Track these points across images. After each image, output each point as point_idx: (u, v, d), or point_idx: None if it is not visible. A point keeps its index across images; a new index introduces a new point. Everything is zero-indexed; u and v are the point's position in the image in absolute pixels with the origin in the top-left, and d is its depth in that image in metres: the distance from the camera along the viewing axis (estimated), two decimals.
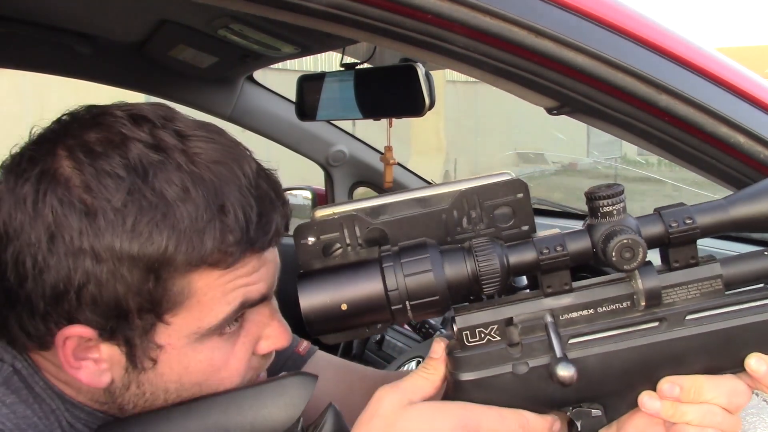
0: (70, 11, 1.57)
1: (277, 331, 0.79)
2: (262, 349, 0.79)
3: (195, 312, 0.70)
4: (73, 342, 0.70)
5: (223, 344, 0.74)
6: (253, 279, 0.73)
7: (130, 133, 0.69)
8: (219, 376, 0.75)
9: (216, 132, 0.74)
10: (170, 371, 0.73)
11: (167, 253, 0.66)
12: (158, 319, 0.70)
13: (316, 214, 0.68)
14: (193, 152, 0.70)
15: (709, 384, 0.65)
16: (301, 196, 2.49)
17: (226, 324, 0.73)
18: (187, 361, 0.73)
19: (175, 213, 0.67)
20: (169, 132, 0.70)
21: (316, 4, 0.72)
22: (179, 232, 0.66)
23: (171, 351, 0.72)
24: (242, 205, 0.70)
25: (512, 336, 0.66)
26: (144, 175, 0.67)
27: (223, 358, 0.74)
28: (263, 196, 0.72)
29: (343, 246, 0.67)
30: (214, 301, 0.71)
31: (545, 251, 0.64)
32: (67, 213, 0.66)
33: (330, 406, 0.71)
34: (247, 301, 0.73)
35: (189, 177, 0.68)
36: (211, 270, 0.69)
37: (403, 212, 0.68)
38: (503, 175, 0.68)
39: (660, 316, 0.65)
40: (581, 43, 0.76)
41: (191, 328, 0.71)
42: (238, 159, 0.72)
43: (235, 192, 0.70)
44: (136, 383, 0.73)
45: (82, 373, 0.71)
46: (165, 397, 0.74)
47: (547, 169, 14.50)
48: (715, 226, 0.65)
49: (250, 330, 0.77)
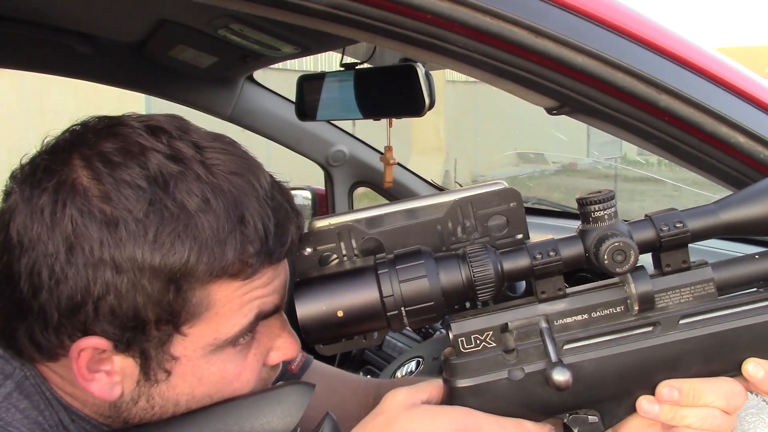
0: (70, 11, 1.57)
1: (287, 342, 0.79)
2: (273, 360, 0.79)
3: (212, 324, 0.70)
4: (87, 354, 0.69)
5: (236, 356, 0.74)
6: (267, 290, 0.73)
7: (148, 143, 0.69)
8: (231, 387, 0.74)
9: (230, 143, 0.74)
10: (183, 383, 0.72)
11: (189, 263, 0.66)
12: (176, 330, 0.69)
13: (313, 226, 0.69)
14: (210, 163, 0.70)
15: (707, 387, 0.66)
16: (301, 196, 2.49)
17: (241, 335, 0.73)
18: (201, 372, 0.72)
19: (196, 224, 0.66)
20: (186, 143, 0.70)
21: (316, 4, 0.72)
22: (201, 243, 0.66)
23: (186, 363, 0.71)
24: (261, 216, 0.70)
25: (508, 342, 0.66)
26: (165, 185, 0.67)
27: (236, 369, 0.74)
28: (279, 208, 0.72)
29: (339, 256, 0.68)
30: (231, 312, 0.70)
31: (538, 257, 0.64)
32: (87, 223, 0.66)
33: (327, 415, 0.71)
34: (262, 313, 0.73)
35: (209, 188, 0.68)
36: (230, 281, 0.69)
37: (399, 222, 0.68)
38: (497, 184, 0.69)
39: (653, 320, 0.66)
40: (581, 43, 0.76)
41: (207, 340, 0.71)
42: (254, 170, 0.72)
43: (253, 203, 0.70)
44: (146, 397, 0.73)
45: (95, 385, 0.70)
46: (174, 410, 0.74)
47: (547, 169, 14.51)
48: (705, 230, 0.65)
49: (261, 341, 0.77)
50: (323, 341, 0.68)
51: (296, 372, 1.05)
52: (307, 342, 0.67)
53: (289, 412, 0.73)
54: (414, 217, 0.69)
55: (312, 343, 0.68)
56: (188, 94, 2.06)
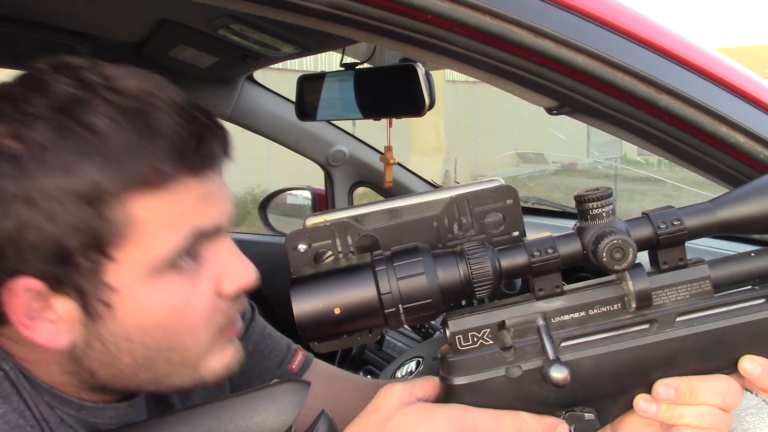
0: (70, 11, 1.57)
1: (239, 267, 0.76)
2: (228, 288, 0.76)
3: (143, 245, 0.68)
4: (22, 299, 0.68)
5: (181, 281, 0.71)
6: (200, 207, 0.71)
7: (52, 78, 0.68)
8: (182, 315, 0.72)
9: (143, 73, 0.72)
10: (129, 316, 0.70)
11: (98, 180, 0.65)
12: (104, 255, 0.67)
13: (308, 222, 0.68)
14: (119, 87, 0.68)
15: (703, 385, 0.66)
16: (301, 196, 2.50)
17: (179, 256, 0.70)
18: (145, 301, 0.70)
19: (104, 141, 0.65)
20: (94, 73, 0.69)
21: (316, 4, 0.72)
22: (108, 158, 0.65)
23: (125, 292, 0.69)
24: (172, 126, 0.68)
25: (505, 339, 0.66)
26: (70, 111, 0.66)
27: (184, 296, 0.72)
28: (195, 120, 0.71)
29: (335, 253, 0.67)
30: (161, 230, 0.69)
31: (536, 254, 0.64)
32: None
33: (323, 413, 0.70)
34: (199, 230, 0.71)
35: (116, 107, 0.67)
36: (148, 194, 0.67)
37: (395, 219, 0.68)
38: (493, 181, 0.69)
39: (650, 317, 0.66)
40: (581, 43, 0.77)
41: (142, 263, 0.69)
42: (165, 90, 0.71)
43: (163, 116, 0.68)
44: (97, 338, 0.71)
45: (40, 334, 0.69)
46: (130, 348, 0.71)
47: (547, 169, 14.52)
48: (702, 228, 0.65)
49: (209, 267, 0.74)
50: (319, 339, 0.67)
51: (297, 371, 1.04)
52: (303, 339, 0.67)
53: (285, 411, 0.72)
54: (410, 213, 0.69)
55: (308, 341, 0.67)
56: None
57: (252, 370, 1.03)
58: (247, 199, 10.32)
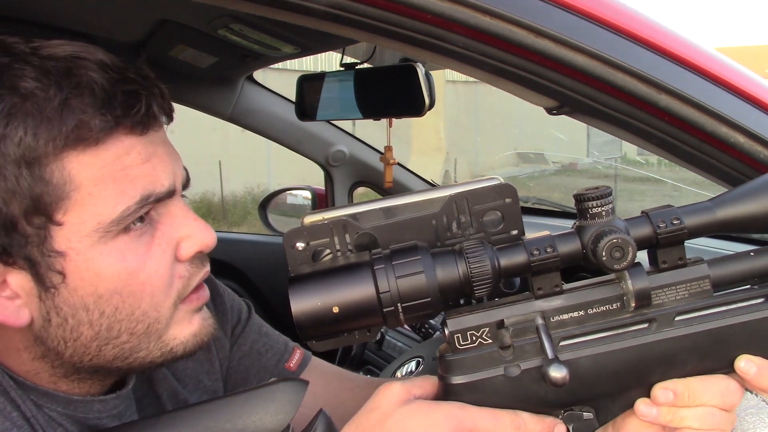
0: (70, 11, 1.57)
1: (195, 228, 0.75)
2: (186, 252, 0.75)
3: (89, 206, 0.67)
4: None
5: (133, 244, 0.71)
6: (150, 169, 0.70)
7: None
8: (138, 280, 0.71)
9: (75, 42, 0.71)
10: (83, 282, 0.69)
11: (28, 141, 0.64)
12: (49, 220, 0.67)
13: (306, 221, 0.68)
14: (46, 53, 0.68)
15: (702, 386, 0.66)
16: (301, 196, 2.50)
17: (130, 219, 0.69)
18: (97, 266, 0.69)
19: (33, 104, 0.65)
20: (22, 44, 0.69)
21: (316, 4, 0.72)
22: (37, 118, 0.65)
23: (76, 257, 0.68)
24: (101, 82, 0.67)
25: (504, 338, 0.66)
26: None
27: (138, 259, 0.71)
28: (128, 78, 0.70)
29: (333, 251, 0.67)
30: (107, 191, 0.68)
31: (535, 253, 0.64)
32: None
33: (321, 412, 0.70)
34: (151, 195, 0.70)
35: (43, 70, 0.66)
36: (84, 151, 0.67)
37: (393, 217, 0.68)
38: (492, 179, 0.69)
39: (650, 317, 0.66)
40: (581, 43, 0.77)
41: (90, 226, 0.68)
42: (95, 52, 0.70)
43: (91, 73, 0.68)
44: (55, 310, 0.70)
45: None
46: (89, 318, 0.71)
47: (547, 169, 14.52)
48: (702, 227, 0.65)
49: (164, 231, 0.74)
50: (318, 337, 0.67)
51: (295, 370, 1.04)
52: (301, 338, 0.66)
53: (283, 409, 0.72)
54: (409, 212, 0.68)
55: (306, 339, 0.67)
56: (188, 94, 2.06)
57: (250, 369, 1.03)
58: (247, 199, 10.32)
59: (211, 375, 0.98)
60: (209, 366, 0.98)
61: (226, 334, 1.01)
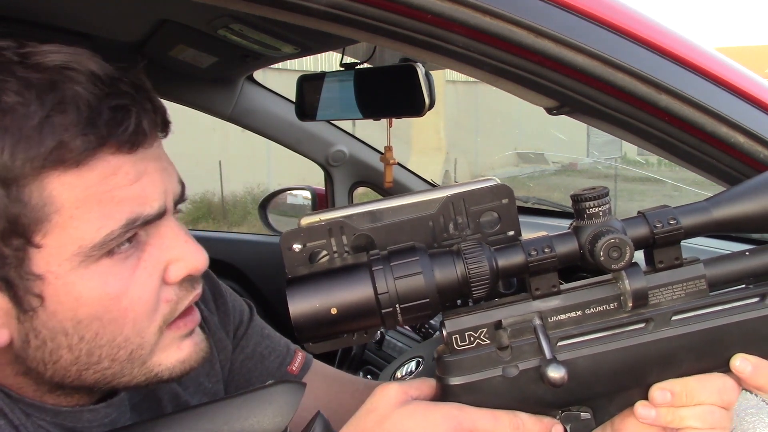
0: (70, 11, 1.57)
1: (186, 251, 0.72)
2: (174, 275, 0.71)
3: (70, 229, 0.64)
4: None
5: (117, 268, 0.67)
6: (139, 190, 0.67)
7: None
8: (120, 306, 0.68)
9: (71, 48, 0.68)
10: (61, 306, 0.66)
11: (5, 160, 0.61)
12: (28, 242, 0.64)
13: (302, 222, 0.67)
14: (33, 62, 0.65)
15: (699, 385, 0.66)
16: (301, 196, 2.50)
17: (114, 244, 0.66)
18: (77, 291, 0.66)
19: (12, 120, 0.62)
20: (12, 51, 0.66)
21: (316, 4, 0.72)
22: (14, 137, 0.61)
23: (55, 281, 0.65)
24: (86, 98, 0.64)
25: (502, 339, 0.66)
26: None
27: (121, 284, 0.68)
28: (117, 92, 0.66)
29: (330, 253, 0.67)
30: (90, 214, 0.64)
31: (533, 253, 0.64)
32: None
33: (318, 414, 0.69)
34: (138, 218, 0.67)
35: (27, 83, 0.63)
36: (66, 172, 0.63)
37: (390, 218, 0.68)
38: (489, 180, 0.69)
39: (647, 316, 0.66)
40: (581, 43, 0.77)
41: (71, 250, 0.65)
42: (86, 62, 0.67)
43: (76, 87, 0.64)
44: (33, 332, 0.67)
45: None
46: (68, 343, 0.68)
47: (547, 169, 14.52)
48: (698, 227, 0.66)
49: (151, 253, 0.70)
50: (315, 339, 0.67)
51: (297, 373, 1.04)
52: (299, 339, 0.66)
53: (280, 412, 0.71)
54: (406, 213, 0.68)
55: (304, 341, 0.67)
56: (188, 94, 2.06)
57: (253, 372, 1.03)
58: (247, 199, 10.33)
59: (212, 377, 0.97)
60: (210, 368, 0.97)
61: (228, 335, 1.01)
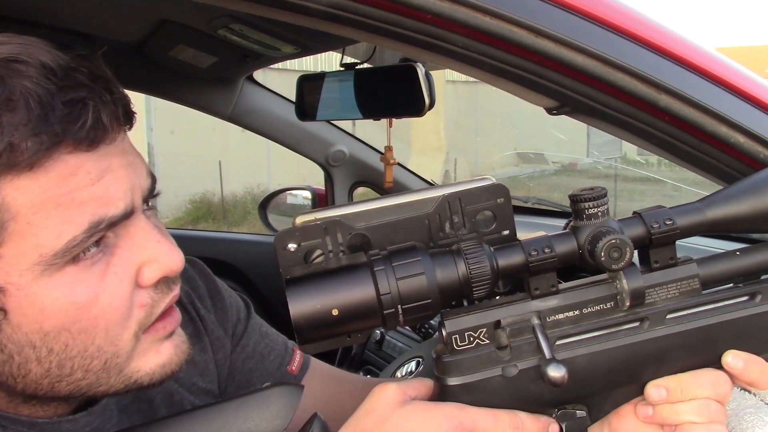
0: (69, 11, 1.57)
1: (159, 251, 0.67)
2: (148, 278, 0.67)
3: (29, 237, 0.60)
4: None
5: (83, 275, 0.63)
6: (100, 190, 0.62)
7: None
8: (89, 315, 0.64)
9: (24, 38, 0.63)
10: (26, 319, 0.62)
11: None
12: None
13: (297, 221, 0.66)
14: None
15: (693, 380, 0.66)
16: (301, 196, 2.50)
17: (77, 250, 0.62)
18: (41, 302, 0.62)
19: None
20: None
21: (316, 4, 0.72)
22: None
23: (17, 293, 0.61)
24: (36, 93, 0.59)
25: (501, 339, 0.66)
26: None
27: (88, 292, 0.63)
28: (72, 84, 0.61)
29: (325, 252, 0.66)
30: (49, 219, 0.60)
31: (533, 253, 0.64)
32: None
33: (315, 416, 0.68)
34: (102, 220, 0.62)
35: None
36: (18, 176, 0.59)
37: (386, 217, 0.67)
38: (485, 180, 0.69)
39: (642, 315, 0.67)
40: (581, 43, 0.77)
41: (31, 259, 0.60)
42: (38, 53, 0.62)
43: (26, 83, 0.59)
44: None
45: None
46: (36, 356, 0.64)
47: (547, 169, 14.52)
48: (693, 227, 0.66)
49: (121, 256, 0.66)
50: (316, 340, 0.66)
51: (296, 373, 1.04)
52: (299, 341, 0.65)
53: (278, 415, 0.70)
54: (402, 212, 0.68)
55: (304, 342, 0.66)
56: (188, 94, 2.06)
57: (253, 371, 1.02)
58: (247, 199, 10.32)
59: (206, 377, 0.96)
60: (204, 367, 0.96)
61: (226, 332, 1.00)
